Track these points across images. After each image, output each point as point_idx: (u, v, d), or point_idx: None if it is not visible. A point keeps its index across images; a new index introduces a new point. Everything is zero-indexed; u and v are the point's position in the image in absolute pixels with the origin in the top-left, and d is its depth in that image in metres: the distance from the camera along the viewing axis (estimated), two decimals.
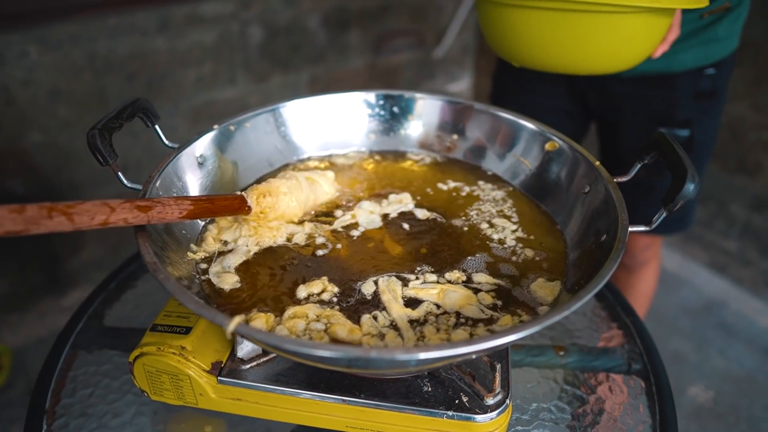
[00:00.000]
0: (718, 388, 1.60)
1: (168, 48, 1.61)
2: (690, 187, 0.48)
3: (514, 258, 0.60)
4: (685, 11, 0.89)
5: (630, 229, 0.51)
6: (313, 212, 0.67)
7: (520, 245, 0.62)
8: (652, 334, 0.72)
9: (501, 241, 0.63)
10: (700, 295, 1.92)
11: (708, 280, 1.96)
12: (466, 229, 0.65)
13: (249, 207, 0.59)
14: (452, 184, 0.72)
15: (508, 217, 0.66)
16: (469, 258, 0.60)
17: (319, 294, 0.55)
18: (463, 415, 0.52)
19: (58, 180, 1.58)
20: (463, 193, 0.71)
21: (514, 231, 0.64)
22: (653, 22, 0.72)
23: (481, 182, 0.72)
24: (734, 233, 1.87)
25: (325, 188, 0.68)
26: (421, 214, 0.67)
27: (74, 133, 1.55)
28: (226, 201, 0.57)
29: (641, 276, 1.29)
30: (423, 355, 0.37)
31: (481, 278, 0.57)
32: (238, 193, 0.60)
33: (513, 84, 1.15)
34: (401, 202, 0.68)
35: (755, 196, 1.77)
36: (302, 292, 0.55)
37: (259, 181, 0.70)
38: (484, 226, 0.65)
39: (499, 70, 1.19)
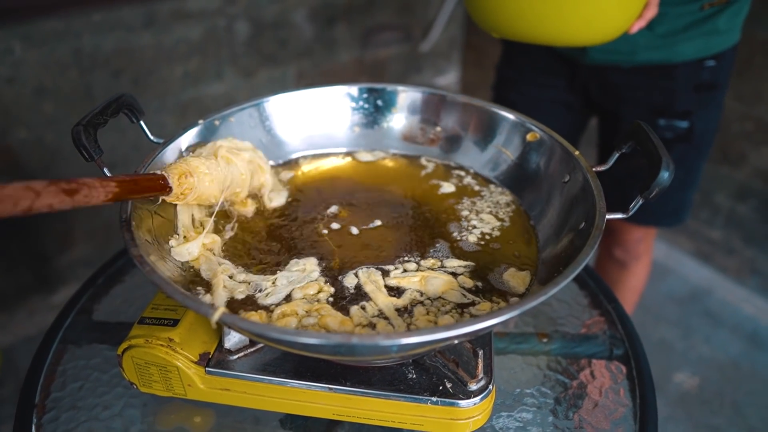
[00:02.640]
0: (703, 375, 1.63)
1: (154, 44, 1.61)
2: (665, 175, 0.50)
3: (481, 244, 0.62)
4: (683, 2, 0.90)
5: (607, 216, 0.52)
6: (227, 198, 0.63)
7: (490, 236, 0.63)
8: (639, 323, 0.73)
9: (471, 227, 0.64)
10: (686, 283, 1.95)
11: (693, 268, 1.99)
12: (444, 216, 0.66)
13: (170, 187, 0.55)
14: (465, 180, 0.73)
15: (501, 219, 0.66)
16: (436, 245, 0.62)
17: (315, 294, 0.55)
18: (447, 400, 0.53)
19: (45, 177, 1.56)
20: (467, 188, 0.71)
21: (493, 228, 0.65)
22: None
23: (492, 186, 0.72)
24: (719, 222, 1.90)
25: (241, 169, 0.64)
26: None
27: (60, 130, 1.54)
28: (149, 181, 0.53)
29: (632, 272, 1.30)
30: (404, 341, 0.38)
31: (453, 263, 0.58)
32: (159, 172, 0.55)
33: (515, 75, 1.16)
34: (304, 271, 0.59)
35: (739, 186, 1.80)
36: (298, 293, 0.55)
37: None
38: (465, 213, 0.67)
39: (502, 62, 1.20)
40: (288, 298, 0.55)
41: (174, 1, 1.60)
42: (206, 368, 0.56)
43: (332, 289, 0.56)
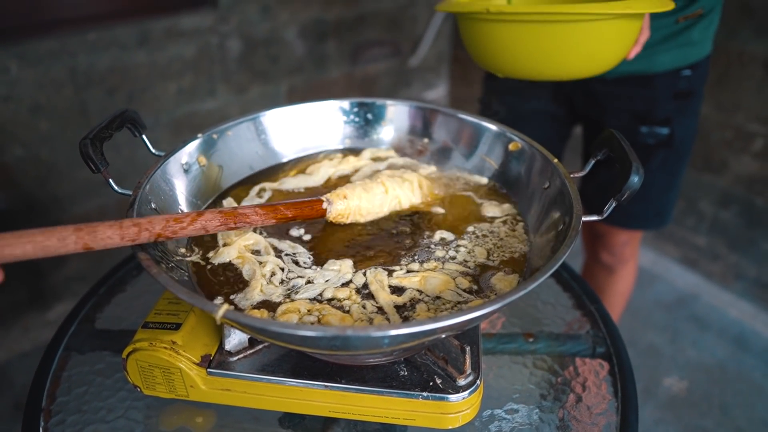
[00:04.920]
0: (691, 378, 1.66)
1: (148, 61, 1.64)
2: (635, 179, 0.53)
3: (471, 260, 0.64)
4: (660, 16, 0.95)
5: (584, 218, 0.55)
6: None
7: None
8: (627, 329, 0.76)
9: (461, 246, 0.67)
10: (673, 289, 1.99)
11: (680, 274, 2.03)
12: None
13: (326, 211, 0.65)
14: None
15: (499, 237, 0.67)
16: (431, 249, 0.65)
17: (344, 299, 0.57)
18: (437, 395, 0.56)
19: (41, 193, 1.60)
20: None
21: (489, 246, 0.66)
22: (626, 27, 0.76)
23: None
24: (703, 229, 1.95)
25: (408, 196, 0.71)
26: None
27: (56, 147, 1.57)
28: (309, 212, 0.63)
29: (619, 276, 1.34)
30: (393, 332, 0.41)
31: (452, 266, 0.62)
32: (321, 198, 0.65)
33: (501, 87, 1.20)
34: (339, 272, 0.61)
35: (721, 193, 1.85)
36: (328, 293, 0.58)
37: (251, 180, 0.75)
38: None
39: (489, 75, 1.25)
40: (320, 296, 0.58)
41: (167, 20, 1.63)
42: (208, 369, 0.58)
43: (359, 298, 0.58)
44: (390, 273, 0.61)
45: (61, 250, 0.45)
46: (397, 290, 0.59)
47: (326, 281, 0.60)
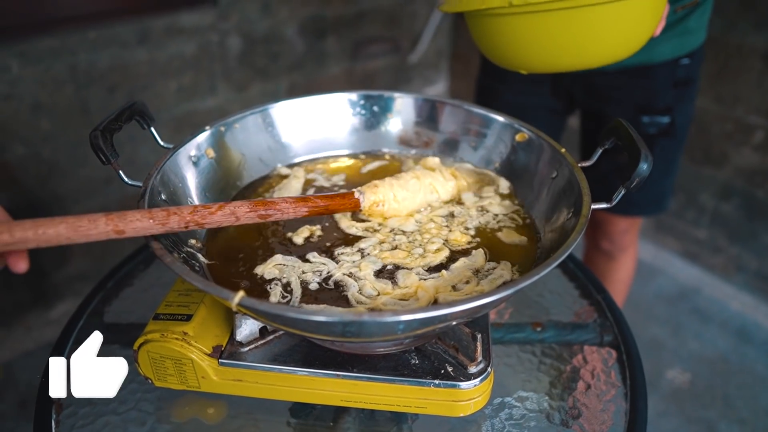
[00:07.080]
0: (694, 371, 1.66)
1: (148, 59, 1.64)
2: (644, 166, 0.54)
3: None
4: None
5: (593, 206, 0.56)
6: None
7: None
8: (630, 322, 0.75)
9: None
10: (674, 282, 1.99)
11: (681, 268, 2.04)
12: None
13: (360, 205, 0.66)
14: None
15: (499, 221, 0.69)
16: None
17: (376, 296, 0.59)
18: (449, 383, 0.56)
19: (42, 192, 1.59)
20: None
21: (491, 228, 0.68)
22: None
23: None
24: (704, 222, 1.95)
25: (441, 183, 0.72)
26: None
27: (57, 145, 1.56)
28: (342, 202, 0.65)
29: (620, 263, 1.35)
30: (407, 317, 0.41)
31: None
32: (354, 192, 0.66)
33: (497, 86, 1.20)
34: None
35: (722, 186, 1.85)
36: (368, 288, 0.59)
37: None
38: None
39: (484, 73, 1.24)
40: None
41: (167, 18, 1.63)
42: (219, 360, 0.59)
43: (390, 287, 0.59)
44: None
45: (92, 231, 0.46)
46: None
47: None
